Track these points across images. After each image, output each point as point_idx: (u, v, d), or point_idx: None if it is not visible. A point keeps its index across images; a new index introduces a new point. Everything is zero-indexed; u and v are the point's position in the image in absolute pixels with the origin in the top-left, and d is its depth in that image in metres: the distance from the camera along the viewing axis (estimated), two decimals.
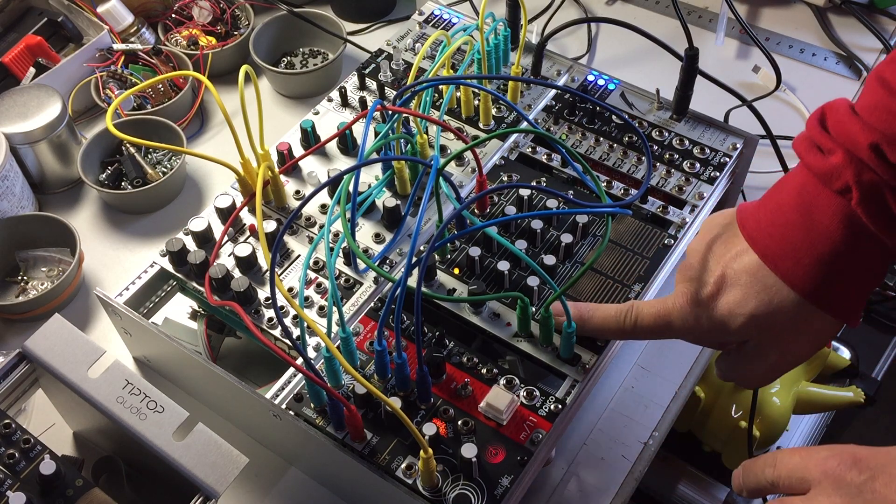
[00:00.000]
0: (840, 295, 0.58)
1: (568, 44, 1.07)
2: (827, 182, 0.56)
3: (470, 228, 0.65)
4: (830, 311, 0.58)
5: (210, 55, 1.01)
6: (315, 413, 0.65)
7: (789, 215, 0.58)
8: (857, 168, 0.55)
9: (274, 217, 0.78)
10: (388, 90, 0.87)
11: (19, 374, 0.65)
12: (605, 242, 0.65)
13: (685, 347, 0.80)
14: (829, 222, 0.56)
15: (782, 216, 0.58)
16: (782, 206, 0.58)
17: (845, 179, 0.55)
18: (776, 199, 0.59)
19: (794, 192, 0.58)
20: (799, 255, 0.57)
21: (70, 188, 0.95)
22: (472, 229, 0.66)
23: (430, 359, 0.65)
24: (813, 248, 0.56)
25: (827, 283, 0.57)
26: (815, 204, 0.57)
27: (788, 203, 0.58)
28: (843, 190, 0.55)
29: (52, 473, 0.58)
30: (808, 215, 0.57)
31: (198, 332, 0.76)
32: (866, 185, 0.55)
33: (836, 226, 0.56)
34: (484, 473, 0.62)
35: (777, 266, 0.57)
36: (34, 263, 0.87)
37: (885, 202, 0.55)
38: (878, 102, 0.55)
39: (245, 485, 0.72)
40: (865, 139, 0.54)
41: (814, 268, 0.57)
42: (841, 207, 0.56)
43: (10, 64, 0.97)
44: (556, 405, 0.65)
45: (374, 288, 0.73)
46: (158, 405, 0.62)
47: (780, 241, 0.58)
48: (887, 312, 1.51)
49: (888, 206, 0.55)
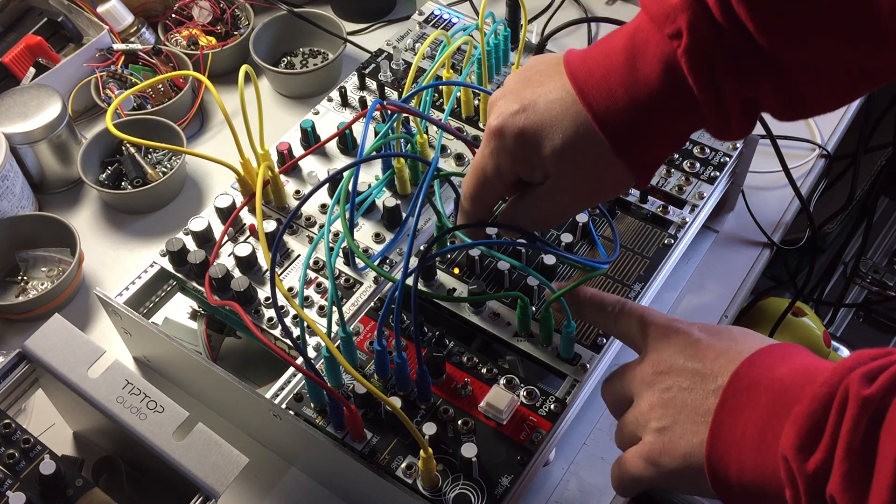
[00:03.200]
0: (642, 149, 0.57)
1: (568, 44, 1.07)
2: (660, 25, 0.53)
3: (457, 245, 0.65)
4: (629, 161, 0.57)
5: (210, 55, 1.01)
6: (315, 413, 0.65)
7: (615, 58, 0.56)
8: (695, 13, 0.52)
9: (274, 217, 0.78)
10: (389, 90, 0.87)
11: (19, 374, 0.65)
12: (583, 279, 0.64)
13: None
14: (650, 70, 0.54)
15: (607, 59, 0.56)
16: (611, 49, 0.56)
17: (679, 24, 0.52)
18: (607, 42, 0.57)
19: (627, 35, 0.56)
20: (615, 97, 0.55)
21: (70, 188, 0.95)
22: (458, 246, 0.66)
23: (430, 358, 0.65)
24: (629, 93, 0.55)
25: (633, 132, 0.56)
26: (642, 48, 0.54)
27: (617, 46, 0.56)
28: (674, 34, 0.53)
29: (52, 473, 0.58)
30: (632, 59, 0.55)
31: (198, 332, 0.76)
32: (698, 33, 0.52)
33: (657, 73, 0.54)
34: (484, 473, 0.62)
35: (591, 104, 0.56)
36: (34, 263, 0.87)
37: (710, 57, 0.52)
38: None
39: (245, 485, 0.72)
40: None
41: (626, 112, 0.55)
42: (666, 54, 0.53)
43: (10, 64, 0.97)
44: (556, 405, 0.65)
45: (374, 288, 0.73)
46: (158, 405, 0.62)
47: (599, 81, 0.56)
48: (887, 312, 1.51)
49: (712, 63, 0.52)
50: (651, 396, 0.54)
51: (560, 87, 0.57)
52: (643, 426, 0.54)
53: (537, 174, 0.59)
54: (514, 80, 0.61)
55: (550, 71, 0.59)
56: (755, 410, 0.48)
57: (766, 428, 0.47)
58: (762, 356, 0.51)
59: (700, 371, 0.53)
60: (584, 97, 0.56)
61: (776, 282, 1.36)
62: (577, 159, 0.57)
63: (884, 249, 1.57)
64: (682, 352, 0.54)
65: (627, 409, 0.57)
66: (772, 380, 0.49)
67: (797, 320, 1.20)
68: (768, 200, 0.92)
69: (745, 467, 0.48)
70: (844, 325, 1.51)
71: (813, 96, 0.55)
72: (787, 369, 0.49)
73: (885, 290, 1.51)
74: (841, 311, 1.50)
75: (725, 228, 0.90)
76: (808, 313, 1.21)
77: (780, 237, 0.90)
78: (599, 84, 0.56)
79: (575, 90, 0.56)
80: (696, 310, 0.83)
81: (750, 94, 0.54)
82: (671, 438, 0.52)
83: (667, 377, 0.54)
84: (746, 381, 0.50)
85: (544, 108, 0.57)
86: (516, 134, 0.58)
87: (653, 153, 0.58)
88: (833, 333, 1.45)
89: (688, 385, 0.53)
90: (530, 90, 0.59)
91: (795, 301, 1.01)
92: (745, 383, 0.50)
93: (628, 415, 0.56)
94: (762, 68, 0.53)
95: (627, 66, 0.55)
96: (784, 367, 0.49)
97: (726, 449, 0.49)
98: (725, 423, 0.49)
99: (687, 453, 0.51)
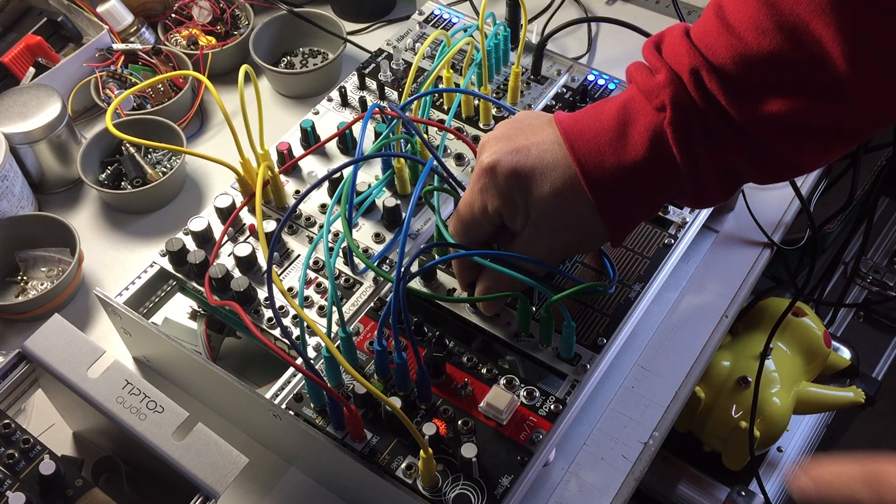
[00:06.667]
0: (621, 210, 0.60)
1: (568, 44, 1.07)
2: (649, 98, 0.57)
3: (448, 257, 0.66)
4: (608, 220, 0.59)
5: (210, 55, 1.01)
6: (315, 413, 0.65)
7: (606, 122, 0.59)
8: (676, 88, 0.56)
9: (274, 217, 0.78)
10: (389, 90, 0.87)
11: (19, 374, 0.65)
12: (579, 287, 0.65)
13: (685, 347, 0.80)
14: (639, 136, 0.57)
15: (598, 122, 0.59)
16: (602, 114, 0.59)
17: (663, 98, 0.56)
18: (598, 108, 0.61)
19: (619, 104, 0.59)
20: (603, 157, 0.58)
21: (70, 188, 0.95)
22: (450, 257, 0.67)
23: (430, 359, 0.65)
24: (616, 155, 0.58)
25: (617, 192, 0.58)
26: (633, 117, 0.58)
27: (609, 112, 0.59)
28: (661, 107, 0.56)
29: (51, 473, 0.58)
30: (623, 125, 0.58)
31: (198, 332, 0.76)
32: (680, 106, 0.56)
33: (645, 139, 0.57)
34: (484, 473, 0.61)
35: (580, 160, 0.58)
36: (34, 263, 0.87)
37: (691, 128, 0.56)
38: (709, 30, 0.56)
39: (245, 485, 0.72)
40: (689, 62, 0.55)
41: (612, 171, 0.58)
42: (654, 124, 0.57)
43: (9, 64, 0.97)
44: (556, 405, 0.65)
45: (374, 288, 0.73)
46: (158, 405, 0.62)
47: (589, 141, 0.59)
48: (887, 312, 1.51)
49: (693, 134, 0.56)
50: None
51: (552, 139, 0.60)
52: None
53: (518, 220, 0.61)
54: (505, 128, 0.63)
55: (542, 124, 0.62)
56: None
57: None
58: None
59: None
60: (574, 152, 0.59)
61: (776, 282, 1.36)
62: (560, 209, 0.60)
63: (884, 249, 1.57)
64: None
65: None
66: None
67: (797, 320, 1.20)
68: (768, 200, 0.92)
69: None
70: (845, 325, 1.51)
71: (793, 160, 0.58)
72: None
73: (885, 290, 1.50)
74: (841, 311, 1.50)
75: (725, 228, 0.89)
76: (808, 313, 1.21)
77: (780, 237, 0.90)
78: (589, 143, 0.59)
79: (566, 145, 0.59)
80: (696, 310, 0.83)
81: (727, 165, 0.57)
82: None
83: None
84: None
85: (536, 155, 0.60)
86: (508, 173, 0.60)
87: (630, 216, 0.61)
88: (833, 333, 1.45)
89: None
90: (523, 137, 0.61)
91: (796, 301, 1.01)
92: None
93: None
94: (737, 139, 0.56)
95: (618, 131, 0.58)
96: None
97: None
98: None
99: None
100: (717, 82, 0.54)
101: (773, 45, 0.52)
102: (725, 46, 0.54)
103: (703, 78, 0.55)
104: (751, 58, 0.53)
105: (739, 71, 0.54)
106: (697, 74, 0.55)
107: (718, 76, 0.54)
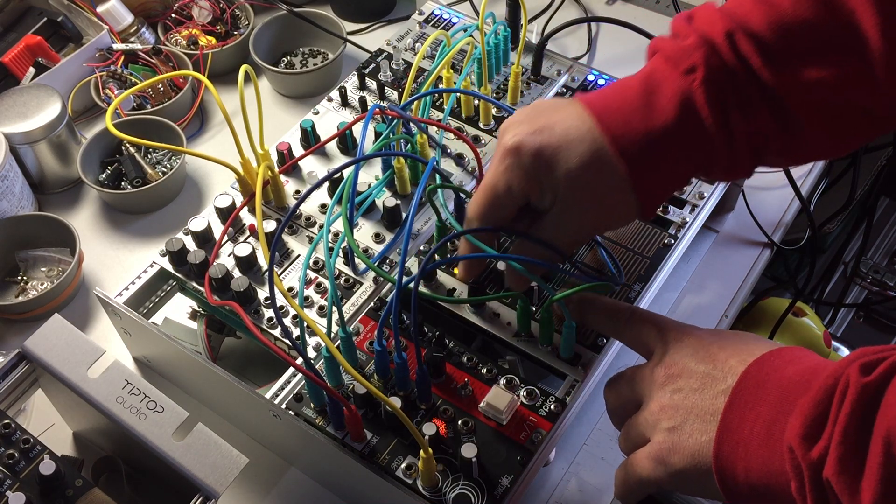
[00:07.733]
0: (653, 180, 0.58)
1: (568, 44, 1.07)
2: (676, 63, 0.57)
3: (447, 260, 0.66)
4: (640, 188, 0.58)
5: (210, 55, 1.01)
6: (315, 413, 0.65)
7: (631, 94, 0.58)
8: (708, 50, 0.55)
9: (274, 217, 0.78)
10: (389, 90, 0.87)
11: (19, 374, 0.65)
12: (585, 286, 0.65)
13: None
14: (666, 102, 0.56)
15: (623, 94, 0.58)
16: (626, 88, 0.59)
17: (694, 60, 0.56)
18: (621, 83, 0.60)
19: (642, 75, 0.59)
20: (632, 125, 0.57)
21: (70, 188, 0.95)
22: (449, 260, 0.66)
23: (430, 359, 0.65)
24: (644, 123, 0.57)
25: (647, 161, 0.57)
26: (659, 83, 0.57)
27: (634, 83, 0.58)
28: (690, 69, 0.56)
29: (51, 473, 0.58)
30: (648, 94, 0.57)
31: (198, 332, 0.76)
32: (712, 67, 0.55)
33: (674, 105, 0.56)
34: (484, 473, 0.61)
35: (609, 129, 0.57)
36: (34, 263, 0.87)
37: (723, 91, 0.55)
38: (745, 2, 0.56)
39: (245, 485, 0.72)
40: (723, 26, 0.55)
41: (641, 140, 0.57)
42: (682, 87, 0.56)
43: (9, 64, 0.97)
44: (556, 405, 0.65)
45: (374, 288, 0.73)
46: (158, 405, 0.62)
47: (616, 111, 0.58)
48: (887, 312, 1.51)
49: (724, 96, 0.55)
50: (662, 398, 0.54)
51: (576, 115, 0.59)
52: (653, 427, 0.54)
53: (546, 197, 0.60)
54: (525, 112, 0.62)
55: (563, 104, 0.61)
56: (763, 408, 0.49)
57: (772, 424, 0.48)
58: (771, 358, 0.52)
59: (710, 373, 0.53)
60: (602, 123, 0.58)
61: (776, 282, 1.36)
62: (590, 183, 0.58)
63: (884, 249, 1.57)
64: (694, 355, 0.55)
65: (633, 413, 0.57)
66: (779, 379, 0.49)
67: (797, 320, 1.20)
68: (768, 200, 0.92)
69: (752, 465, 0.48)
70: (845, 325, 1.51)
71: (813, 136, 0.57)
72: (795, 370, 0.50)
73: (885, 290, 1.50)
74: (841, 311, 1.50)
75: (725, 228, 0.90)
76: (808, 313, 1.21)
77: (780, 237, 0.90)
78: (616, 113, 0.58)
79: (593, 117, 0.58)
80: (696, 310, 0.83)
81: (755, 129, 0.56)
82: (680, 437, 0.52)
83: (678, 379, 0.54)
84: (755, 381, 0.50)
85: (561, 132, 0.59)
86: (533, 152, 0.59)
87: (661, 185, 0.60)
88: (833, 333, 1.45)
89: (698, 386, 0.53)
90: (545, 117, 0.60)
91: (796, 301, 1.01)
92: (754, 383, 0.50)
93: (637, 417, 0.57)
94: (768, 106, 0.55)
95: (644, 100, 0.57)
96: (792, 368, 0.50)
97: (733, 447, 0.49)
98: (733, 421, 0.50)
99: (695, 452, 0.52)
100: (751, 45, 0.55)
101: (809, 12, 0.53)
102: (761, 14, 0.55)
103: (736, 41, 0.55)
104: (787, 24, 0.54)
105: (775, 36, 0.54)
106: (731, 38, 0.55)
107: (753, 40, 0.55)
